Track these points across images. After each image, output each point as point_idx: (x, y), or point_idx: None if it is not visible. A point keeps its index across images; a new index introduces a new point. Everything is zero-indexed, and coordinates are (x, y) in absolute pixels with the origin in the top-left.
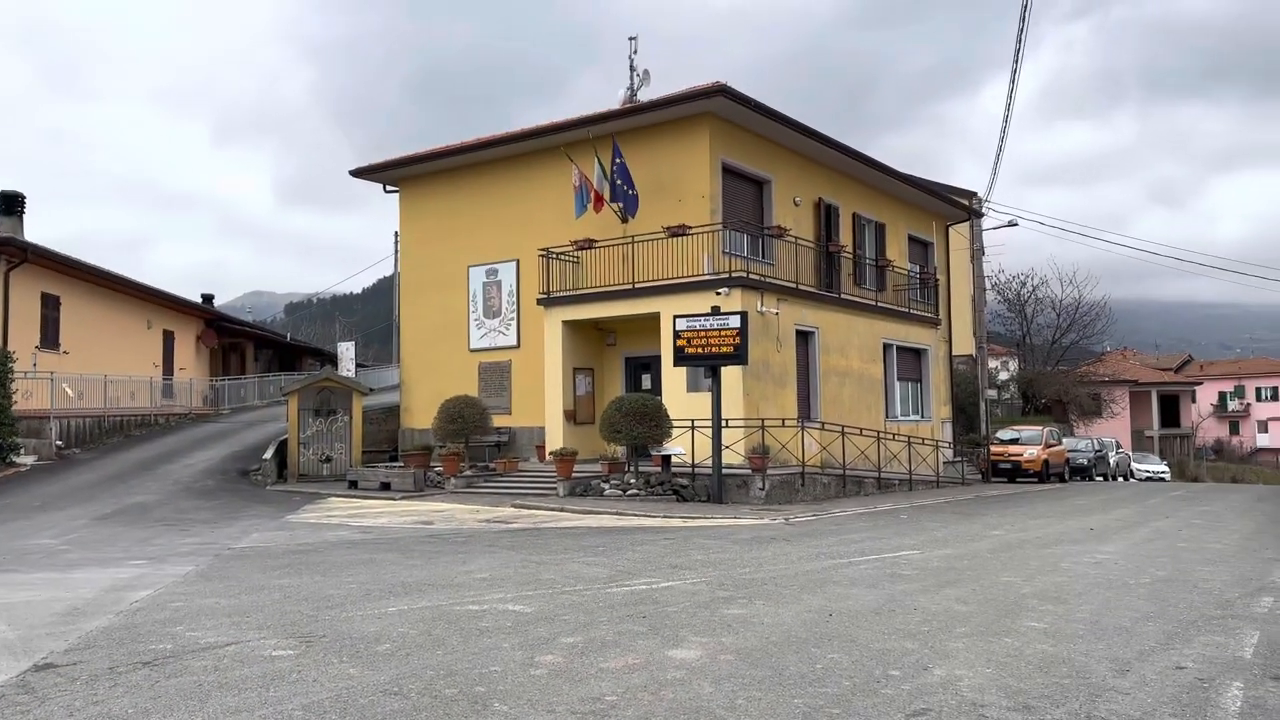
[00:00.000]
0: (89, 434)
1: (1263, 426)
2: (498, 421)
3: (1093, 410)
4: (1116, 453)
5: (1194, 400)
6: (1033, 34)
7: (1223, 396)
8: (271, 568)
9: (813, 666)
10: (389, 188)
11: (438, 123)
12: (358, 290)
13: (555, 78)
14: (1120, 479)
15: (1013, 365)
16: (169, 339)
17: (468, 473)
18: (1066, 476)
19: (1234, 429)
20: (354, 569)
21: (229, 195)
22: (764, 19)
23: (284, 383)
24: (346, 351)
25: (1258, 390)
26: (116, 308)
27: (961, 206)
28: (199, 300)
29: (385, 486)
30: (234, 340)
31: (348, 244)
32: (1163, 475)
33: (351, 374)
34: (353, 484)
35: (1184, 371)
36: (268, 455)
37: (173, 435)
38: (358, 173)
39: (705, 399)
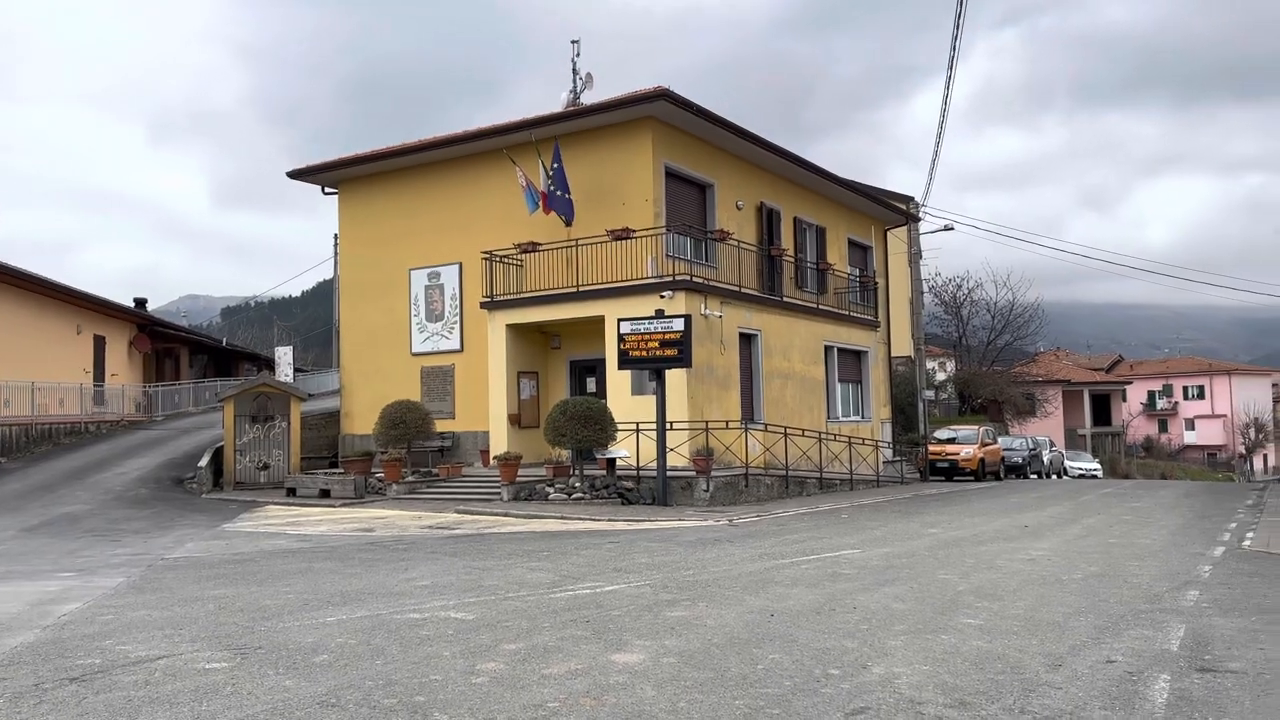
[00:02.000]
0: (15, 443)
1: (1190, 424)
2: (441, 426)
3: (1027, 410)
4: (1050, 451)
5: (1124, 399)
6: (964, 41)
7: (1151, 395)
8: (206, 578)
9: (754, 667)
10: (328, 189)
11: (375, 126)
12: (297, 294)
13: (495, 82)
14: (1054, 476)
15: (950, 366)
16: (100, 344)
17: (410, 478)
18: (1002, 474)
19: (1163, 427)
20: (291, 578)
21: (164, 198)
22: (703, 24)
23: (220, 388)
24: (284, 356)
25: (1185, 389)
26: (44, 313)
27: (899, 211)
28: (131, 304)
29: (325, 494)
30: (168, 345)
31: (286, 247)
32: (1095, 473)
33: (290, 379)
34: (291, 491)
35: (1115, 371)
36: (203, 463)
37: (104, 443)
38: (295, 174)
39: (650, 402)
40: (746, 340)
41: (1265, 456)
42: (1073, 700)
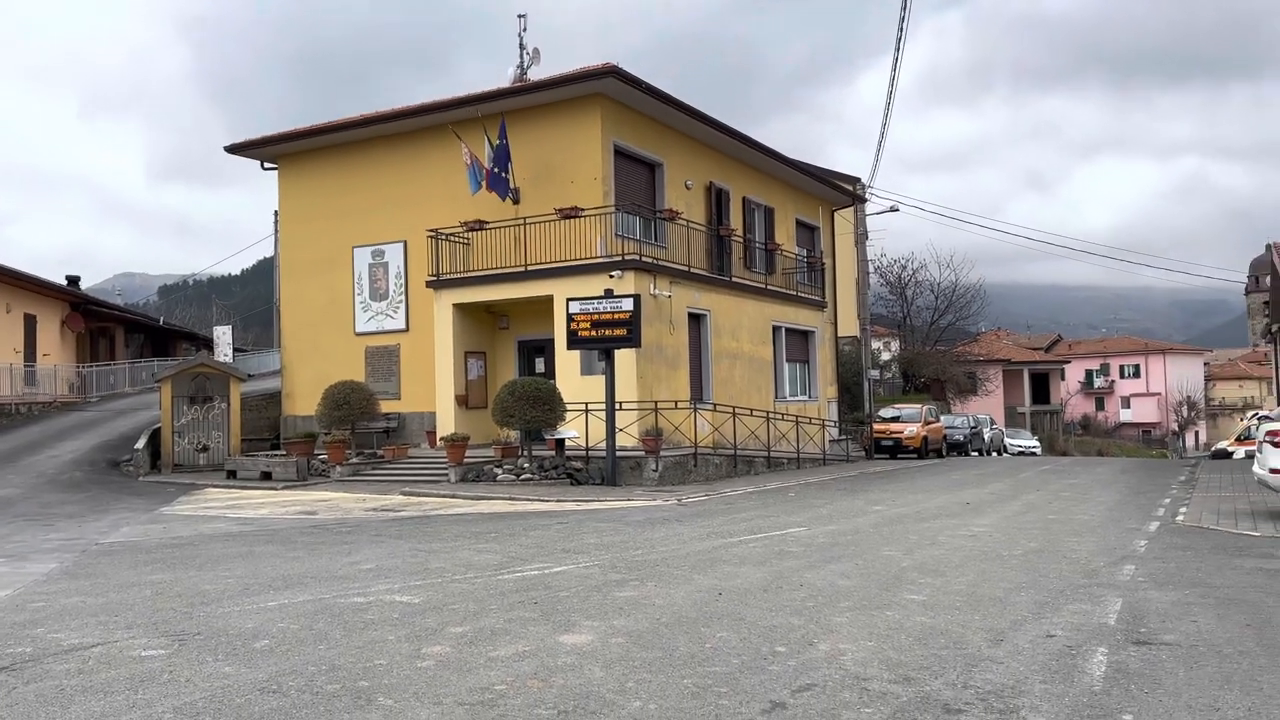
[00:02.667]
0: None
1: (1125, 403)
2: (386, 407)
3: (969, 388)
4: (991, 429)
5: (1063, 378)
6: (909, 23)
7: (1089, 374)
8: (142, 563)
9: (702, 646)
10: (267, 165)
11: (319, 102)
12: (236, 272)
13: (441, 58)
14: (995, 454)
15: (894, 346)
16: (30, 323)
17: (354, 460)
18: (944, 452)
19: (1099, 405)
20: (231, 562)
21: (99, 175)
22: (651, 3)
23: (157, 369)
24: (223, 336)
25: (1121, 368)
26: None
27: (846, 192)
28: (64, 283)
29: (266, 476)
30: (103, 325)
31: (226, 225)
32: (1034, 450)
33: (229, 359)
34: (231, 474)
35: (1053, 351)
36: (140, 445)
37: (36, 425)
38: (233, 149)
39: (599, 382)
40: (695, 320)
41: (1197, 433)
42: (1013, 674)
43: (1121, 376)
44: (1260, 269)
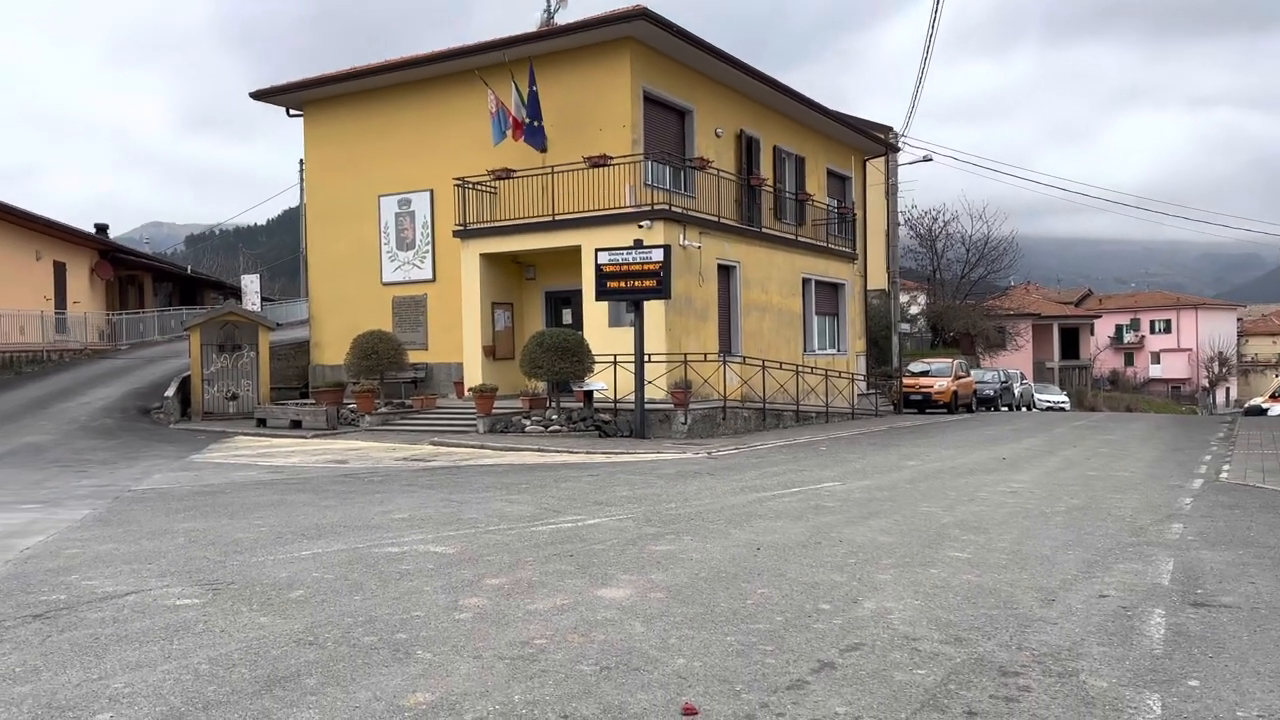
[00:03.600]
0: None
1: (1155, 358)
2: (414, 357)
3: (998, 343)
4: (1021, 384)
5: (1092, 333)
6: None
7: (1119, 329)
8: (175, 510)
9: (743, 602)
10: (292, 111)
11: (336, 51)
12: (263, 222)
13: (461, 5)
14: (1024, 409)
15: (920, 299)
16: (60, 271)
17: (383, 410)
18: (974, 407)
19: (1129, 360)
20: (264, 511)
21: (125, 124)
22: None
23: (185, 317)
24: (251, 284)
25: (1152, 323)
26: (0, 238)
27: (879, 140)
28: (92, 230)
29: (296, 424)
30: (131, 273)
31: (252, 174)
32: (1063, 405)
33: (257, 308)
34: (261, 422)
35: (1084, 305)
36: (170, 392)
37: (68, 372)
38: (258, 95)
39: (627, 334)
40: (725, 272)
41: (1228, 389)
42: (1069, 636)
43: (1152, 332)
44: None
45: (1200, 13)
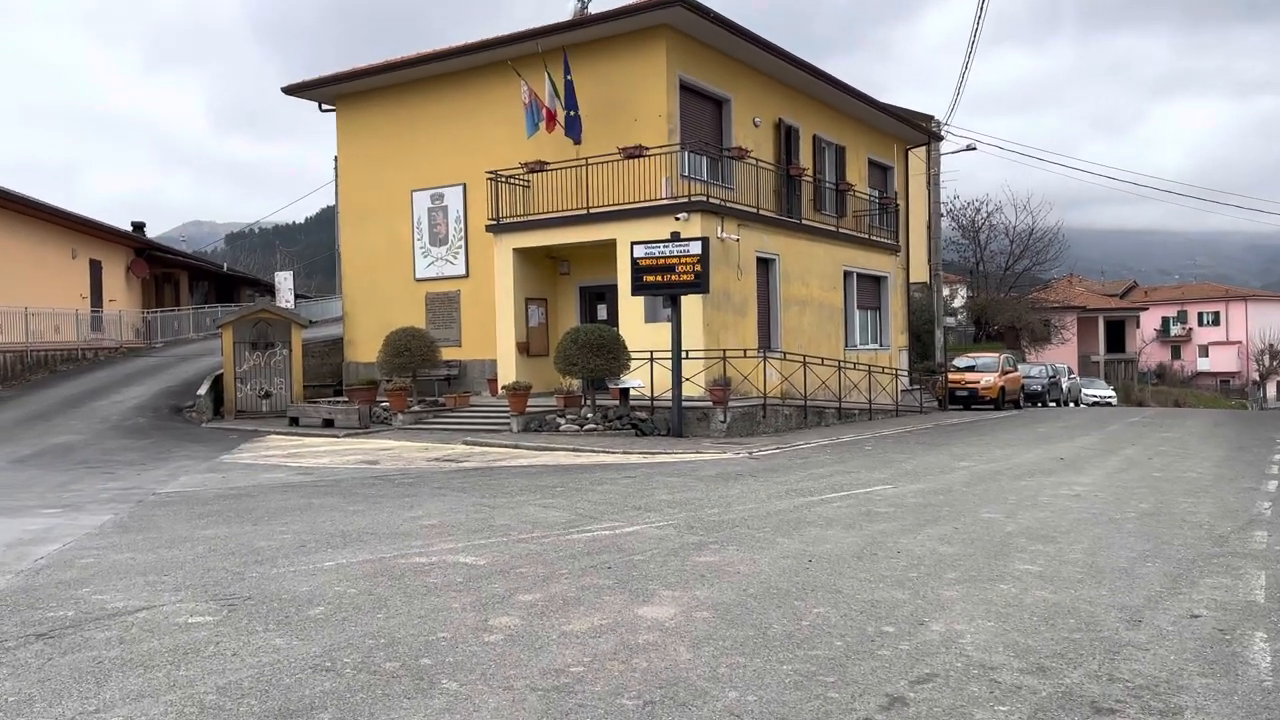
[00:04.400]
0: (10, 370)
1: (1203, 351)
2: (447, 354)
3: (1043, 337)
4: (1069, 379)
5: (1138, 326)
6: None
7: (1166, 322)
8: (198, 516)
9: (798, 623)
10: (325, 106)
11: (370, 46)
12: (300, 220)
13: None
14: (1072, 405)
15: (962, 292)
16: (96, 269)
17: (416, 408)
18: (1021, 403)
19: (1175, 354)
20: (289, 516)
21: (165, 122)
22: None
23: (220, 315)
24: (284, 281)
25: (1200, 315)
26: (37, 236)
27: (921, 129)
28: (129, 229)
29: (328, 423)
30: (167, 270)
31: (291, 171)
32: (1109, 400)
33: (290, 305)
34: (293, 421)
35: (1129, 297)
36: (202, 391)
37: (102, 370)
38: (291, 90)
39: (664, 329)
40: (764, 265)
41: (1278, 383)
42: (1164, 664)
43: (1200, 324)
44: None
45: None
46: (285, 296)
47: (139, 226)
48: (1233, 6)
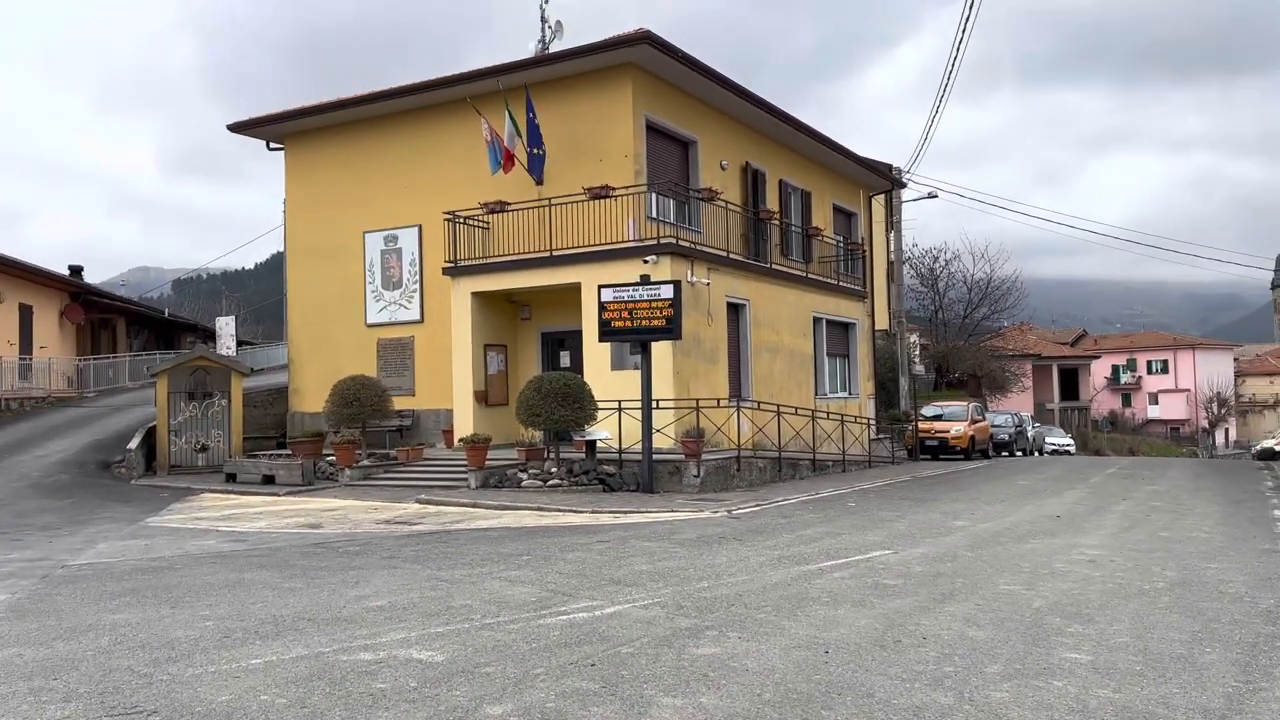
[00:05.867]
0: None
1: (1153, 399)
2: (400, 404)
3: (1003, 384)
4: (1034, 427)
5: (1089, 374)
6: (913, 16)
7: (1116, 370)
8: (109, 595)
9: None
10: (273, 145)
11: (326, 92)
12: (250, 266)
13: (455, 42)
14: (1036, 453)
15: (915, 339)
16: (26, 314)
17: (365, 462)
18: (990, 453)
19: (1126, 401)
20: (214, 596)
21: (113, 169)
22: None
23: (159, 362)
24: (226, 327)
25: (1149, 363)
26: None
27: (885, 176)
28: (65, 272)
29: (269, 480)
30: (105, 316)
31: (241, 217)
32: (1068, 449)
33: (232, 351)
34: (231, 477)
35: (1079, 345)
36: (133, 445)
37: (26, 422)
38: (236, 127)
39: (632, 378)
40: (734, 310)
41: (1227, 430)
42: None
43: (1149, 372)
44: None
45: (1172, 59)
46: (226, 343)
47: (76, 270)
48: (1164, 65)
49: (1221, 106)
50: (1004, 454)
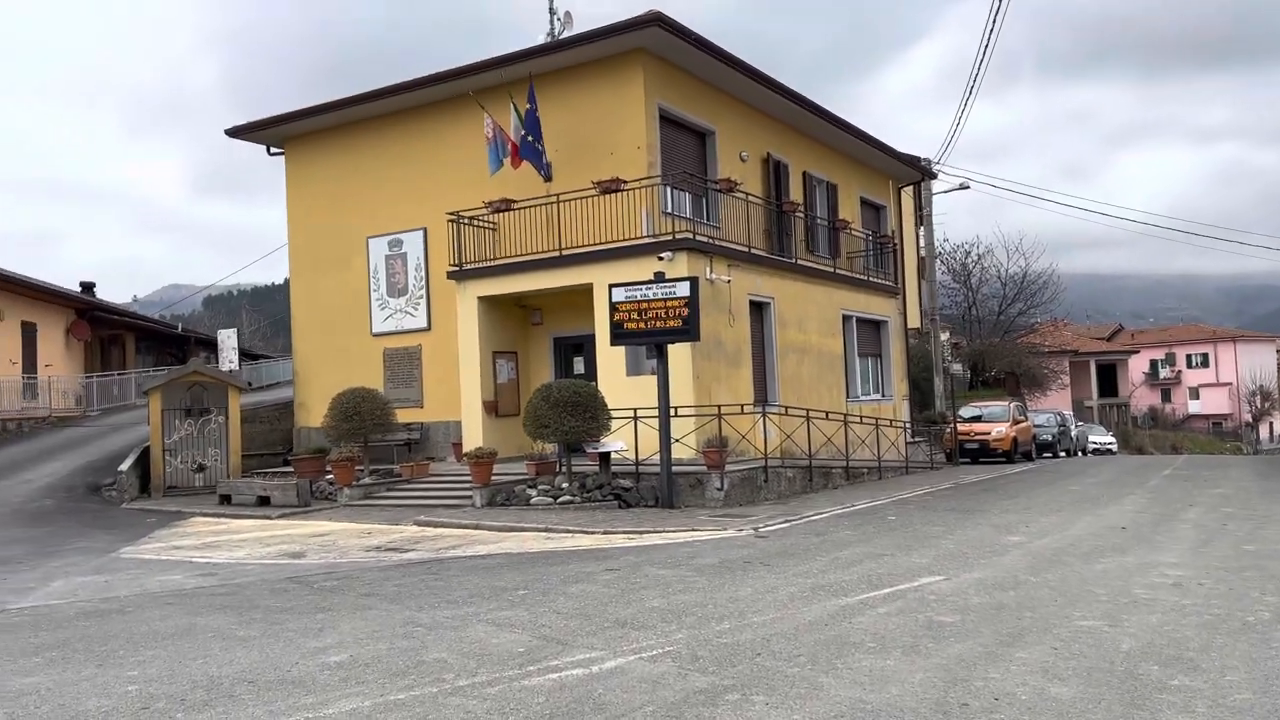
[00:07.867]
0: None
1: (1194, 393)
2: (408, 416)
3: (1042, 382)
4: (1077, 426)
5: (1127, 369)
6: (933, 14)
7: (1154, 364)
8: (33, 650)
9: None
10: (273, 150)
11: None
12: (279, 281)
13: (471, 47)
14: (1080, 453)
15: (946, 336)
16: (30, 332)
17: (366, 480)
18: (1034, 454)
19: (1166, 396)
20: (154, 648)
21: (144, 189)
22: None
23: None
24: (227, 340)
25: (1189, 357)
26: None
27: (915, 166)
28: (76, 290)
29: (264, 501)
30: (114, 332)
31: (271, 232)
32: (1110, 447)
33: (234, 365)
34: (225, 499)
35: (1116, 340)
36: (125, 466)
37: (23, 443)
38: (235, 131)
39: (648, 384)
40: (757, 309)
41: (1271, 424)
42: None
43: (1189, 366)
44: None
45: (1195, 49)
46: (229, 356)
47: (88, 287)
48: (1186, 56)
49: (1246, 96)
50: (1047, 455)
